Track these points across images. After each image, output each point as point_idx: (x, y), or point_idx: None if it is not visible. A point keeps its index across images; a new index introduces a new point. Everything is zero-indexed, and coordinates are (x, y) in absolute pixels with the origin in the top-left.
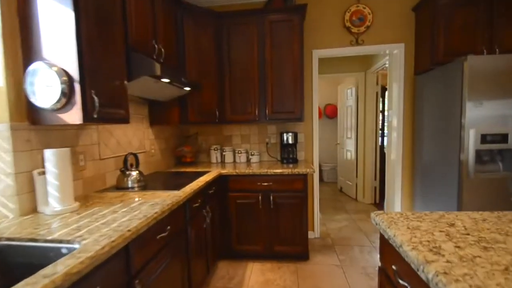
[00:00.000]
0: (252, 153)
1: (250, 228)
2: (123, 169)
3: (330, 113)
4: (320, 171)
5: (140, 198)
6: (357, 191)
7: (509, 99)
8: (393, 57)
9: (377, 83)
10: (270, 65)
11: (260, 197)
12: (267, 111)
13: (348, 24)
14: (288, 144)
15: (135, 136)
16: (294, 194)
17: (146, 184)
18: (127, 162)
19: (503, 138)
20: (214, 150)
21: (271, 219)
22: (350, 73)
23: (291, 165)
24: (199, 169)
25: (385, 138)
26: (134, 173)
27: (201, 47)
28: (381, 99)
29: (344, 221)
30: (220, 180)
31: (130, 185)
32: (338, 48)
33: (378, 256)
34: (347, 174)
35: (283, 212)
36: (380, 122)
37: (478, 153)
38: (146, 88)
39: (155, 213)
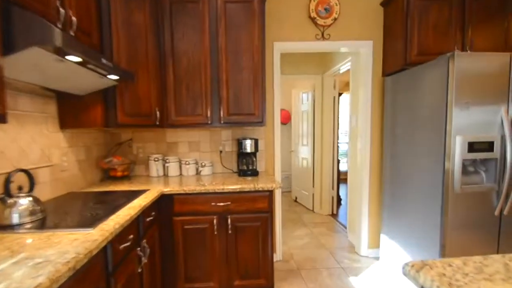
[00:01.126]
0: (203, 164)
1: (202, 260)
2: (2, 195)
3: (283, 118)
4: None
5: (21, 249)
6: (313, 201)
7: (495, 103)
8: (359, 57)
9: (334, 87)
10: (224, 55)
11: (215, 221)
12: (221, 112)
13: (313, 14)
14: (246, 153)
15: (35, 144)
16: (257, 215)
17: (45, 217)
18: (9, 184)
19: (489, 146)
20: (155, 161)
21: (229, 248)
22: (306, 75)
23: (249, 178)
24: (134, 187)
25: (344, 146)
26: (23, 202)
27: (134, 25)
28: (338, 105)
29: (305, 237)
30: (163, 201)
31: (14, 221)
32: (303, 42)
33: (350, 280)
34: (303, 184)
35: (243, 238)
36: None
37: (464, 163)
38: (47, 71)
39: None
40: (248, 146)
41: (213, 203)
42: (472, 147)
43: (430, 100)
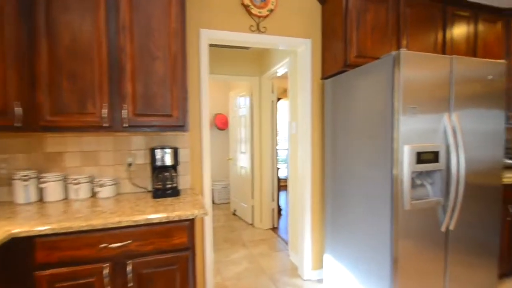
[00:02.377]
0: (102, 182)
1: None
2: None
3: (220, 124)
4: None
5: None
6: (253, 215)
7: (438, 110)
8: (297, 57)
9: (272, 91)
10: (129, 37)
11: (106, 271)
12: (125, 112)
13: (246, 1)
14: (163, 166)
15: None
16: (173, 255)
17: None
18: None
19: (435, 156)
20: (22, 180)
21: None
22: (243, 76)
23: (169, 200)
24: None
25: (283, 152)
26: None
27: None
28: (276, 110)
29: (243, 261)
30: (17, 248)
31: None
32: (235, 33)
33: None
34: (242, 195)
35: None
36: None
37: (411, 176)
38: None
39: None
40: (166, 157)
41: (103, 244)
42: (420, 157)
43: (373, 104)
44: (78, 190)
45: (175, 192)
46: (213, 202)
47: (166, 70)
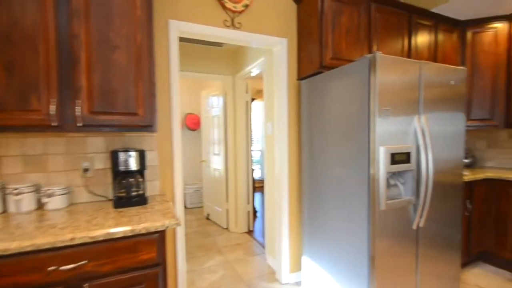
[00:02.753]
0: (51, 191)
1: None
2: None
3: (192, 124)
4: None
5: None
6: (228, 218)
7: (409, 112)
8: (273, 56)
9: (246, 91)
10: (85, 22)
11: None
12: (79, 109)
13: None
14: (128, 171)
15: None
16: (140, 273)
17: None
18: None
19: (407, 157)
20: None
21: None
22: (216, 74)
23: (135, 209)
24: None
25: (257, 153)
26: None
27: None
28: (251, 111)
29: (219, 269)
30: None
31: None
32: (208, 27)
33: None
34: (216, 199)
35: None
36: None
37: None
38: None
39: None
40: (130, 160)
41: (53, 267)
42: (394, 158)
43: (349, 106)
44: (20, 202)
45: (142, 200)
46: (185, 207)
47: (130, 62)
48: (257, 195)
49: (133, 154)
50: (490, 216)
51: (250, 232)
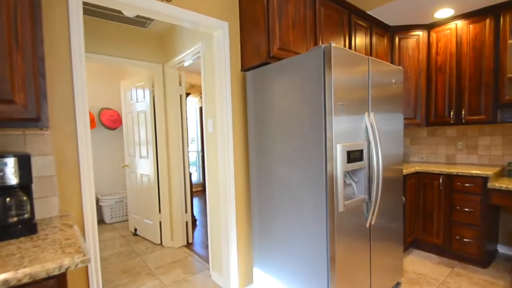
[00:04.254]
0: None
1: None
2: None
3: (109, 121)
4: (99, 208)
5: None
6: (162, 232)
7: (360, 109)
8: (213, 42)
9: (180, 83)
10: None
11: None
12: None
13: None
14: (1, 187)
15: None
16: None
17: None
18: None
19: (360, 155)
20: None
21: None
22: (140, 61)
23: (14, 245)
24: None
25: (192, 154)
26: None
27: None
28: (185, 106)
29: None
30: None
31: None
32: None
33: None
34: (145, 210)
35: None
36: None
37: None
38: None
39: None
40: (6, 171)
41: None
42: (350, 156)
43: (301, 101)
44: None
45: (28, 228)
46: (103, 222)
47: None
48: (196, 201)
49: (9, 161)
50: (419, 207)
51: (189, 245)
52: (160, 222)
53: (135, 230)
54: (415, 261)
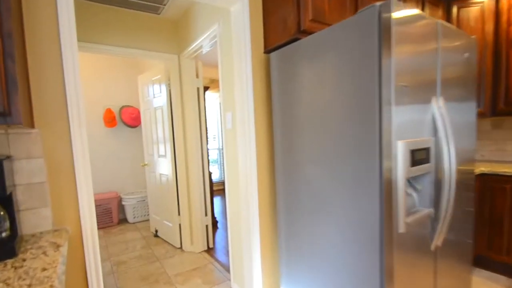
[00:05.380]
0: None
1: None
2: None
3: (130, 119)
4: (122, 207)
5: None
6: (181, 235)
7: (426, 92)
8: (230, 20)
9: (197, 75)
10: None
11: None
12: None
13: None
14: None
15: None
16: None
17: None
18: None
19: (427, 155)
20: None
21: None
22: (154, 52)
23: None
24: None
25: (213, 152)
26: None
27: None
28: (204, 100)
29: None
30: None
31: None
32: None
33: None
34: (165, 211)
35: None
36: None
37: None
38: None
39: None
40: None
41: None
42: (414, 157)
43: (345, 84)
44: None
45: (5, 251)
46: (126, 221)
47: None
48: (217, 200)
49: None
50: (483, 216)
51: (210, 251)
52: (180, 225)
53: (156, 231)
54: (479, 284)
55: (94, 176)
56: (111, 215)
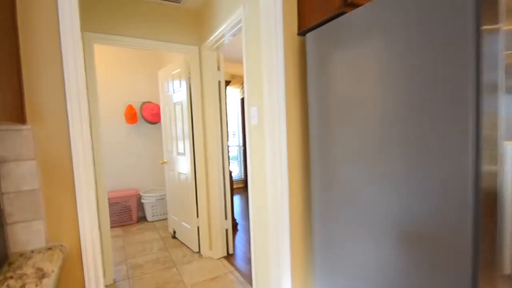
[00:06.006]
0: None
1: None
2: None
3: (150, 115)
4: (141, 205)
5: None
6: (200, 239)
7: None
8: (258, 2)
9: (218, 68)
10: None
11: None
12: None
13: None
14: None
15: None
16: None
17: None
18: None
19: None
20: None
21: None
22: (175, 43)
23: None
24: None
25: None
26: None
27: None
28: (225, 94)
29: None
30: None
31: None
32: None
33: None
34: (183, 212)
35: None
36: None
37: None
38: None
39: None
40: None
41: None
42: None
43: (421, 66)
44: None
45: None
46: (145, 219)
47: None
48: (236, 199)
49: None
50: None
51: (229, 257)
52: (198, 228)
53: (174, 232)
54: None
55: (114, 173)
56: (130, 213)
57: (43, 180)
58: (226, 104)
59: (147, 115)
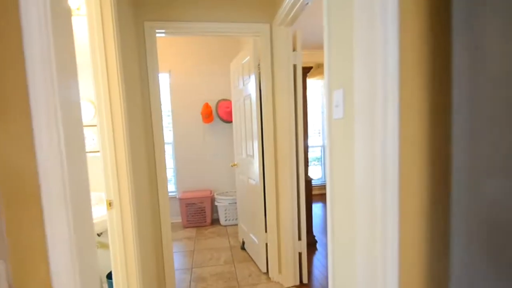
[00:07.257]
0: None
1: None
2: None
3: (224, 114)
4: (214, 207)
5: None
6: (268, 258)
7: None
8: None
9: (293, 48)
10: None
11: None
12: None
13: None
14: None
15: None
16: None
17: None
18: None
19: None
20: None
21: None
22: (244, 23)
23: None
24: None
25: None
26: None
27: None
28: (300, 82)
29: None
30: None
31: None
32: None
33: None
34: (251, 223)
35: None
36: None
37: None
38: None
39: None
40: None
41: None
42: None
43: None
44: None
45: None
46: (218, 223)
47: None
48: (318, 209)
49: None
50: None
51: (302, 287)
52: (266, 244)
53: (243, 243)
54: None
55: (191, 173)
56: (205, 214)
57: (5, 203)
58: (302, 94)
59: (222, 114)
